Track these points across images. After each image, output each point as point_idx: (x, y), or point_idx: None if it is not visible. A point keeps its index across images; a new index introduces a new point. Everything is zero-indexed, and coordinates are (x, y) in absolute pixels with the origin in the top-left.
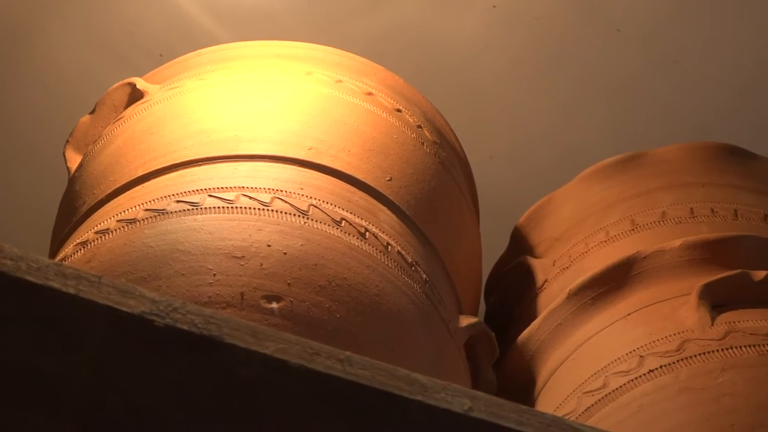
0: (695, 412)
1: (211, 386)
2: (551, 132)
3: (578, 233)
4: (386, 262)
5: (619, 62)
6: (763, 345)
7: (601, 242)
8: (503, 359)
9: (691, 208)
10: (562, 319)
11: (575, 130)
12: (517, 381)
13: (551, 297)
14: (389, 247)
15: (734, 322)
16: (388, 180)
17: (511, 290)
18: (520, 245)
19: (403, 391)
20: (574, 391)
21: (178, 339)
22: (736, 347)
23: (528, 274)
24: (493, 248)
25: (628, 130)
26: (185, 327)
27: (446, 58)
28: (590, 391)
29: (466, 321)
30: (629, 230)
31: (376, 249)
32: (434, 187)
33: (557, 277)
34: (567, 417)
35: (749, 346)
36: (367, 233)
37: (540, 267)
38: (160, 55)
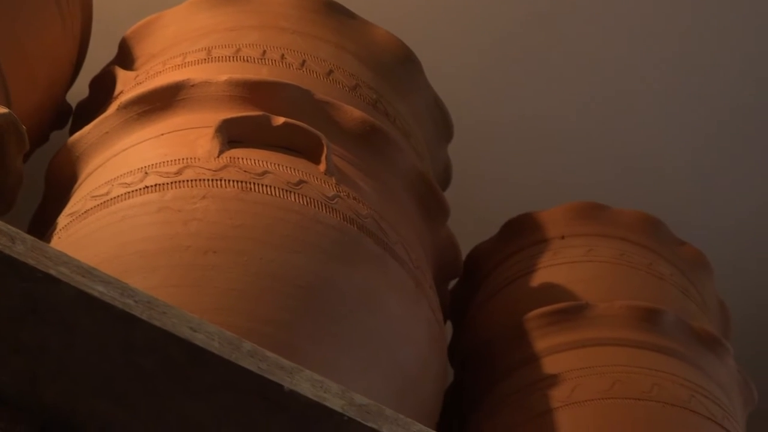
0: (163, 230)
1: None
2: None
3: (166, 54)
4: None
5: None
6: (249, 182)
7: (177, 66)
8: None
9: (264, 51)
10: (109, 128)
11: None
12: (61, 178)
13: None
14: None
15: (238, 158)
16: None
17: (97, 95)
18: (125, 55)
19: None
20: (87, 194)
21: None
22: (225, 180)
23: (111, 82)
24: None
25: None
26: None
27: None
28: (96, 196)
29: None
30: (203, 60)
31: None
32: None
33: (131, 90)
34: (72, 215)
35: (236, 181)
36: None
37: (122, 78)
38: None
